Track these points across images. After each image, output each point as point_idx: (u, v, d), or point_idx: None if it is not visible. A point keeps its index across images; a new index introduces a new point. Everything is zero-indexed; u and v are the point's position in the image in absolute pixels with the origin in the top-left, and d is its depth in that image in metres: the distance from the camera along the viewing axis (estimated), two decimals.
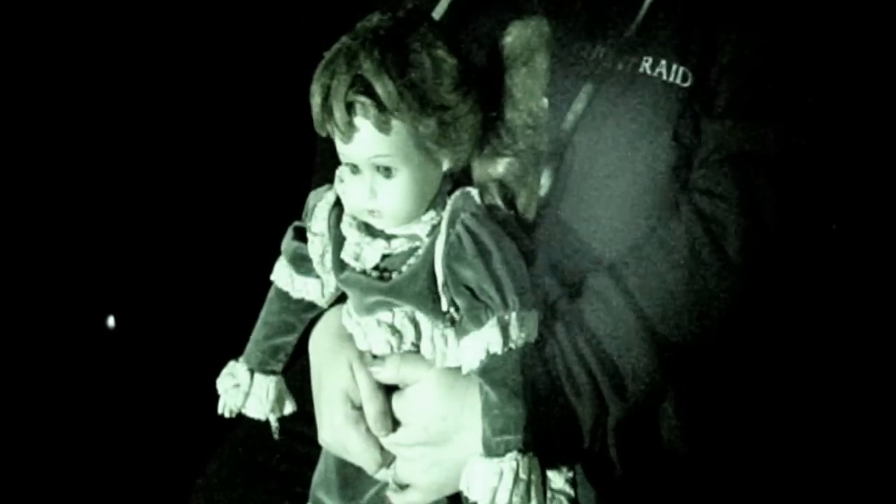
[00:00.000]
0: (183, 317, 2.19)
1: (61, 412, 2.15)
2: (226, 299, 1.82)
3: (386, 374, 1.19)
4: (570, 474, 1.19)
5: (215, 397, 1.26)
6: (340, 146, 1.11)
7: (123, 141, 2.22)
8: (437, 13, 1.30)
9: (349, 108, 1.08)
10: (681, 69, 1.19)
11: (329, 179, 1.22)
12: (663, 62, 1.20)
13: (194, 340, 2.07)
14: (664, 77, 1.20)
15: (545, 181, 1.19)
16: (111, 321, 2.27)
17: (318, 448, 1.26)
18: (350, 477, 1.24)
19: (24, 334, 2.19)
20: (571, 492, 1.19)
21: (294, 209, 1.24)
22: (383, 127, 1.08)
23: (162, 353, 2.18)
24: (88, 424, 2.15)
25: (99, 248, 2.23)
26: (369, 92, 1.07)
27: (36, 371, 2.17)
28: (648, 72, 1.20)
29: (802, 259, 1.22)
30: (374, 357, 1.20)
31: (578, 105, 1.20)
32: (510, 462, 1.09)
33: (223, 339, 1.29)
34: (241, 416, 1.26)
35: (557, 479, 1.18)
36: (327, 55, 1.10)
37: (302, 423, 1.28)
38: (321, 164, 1.35)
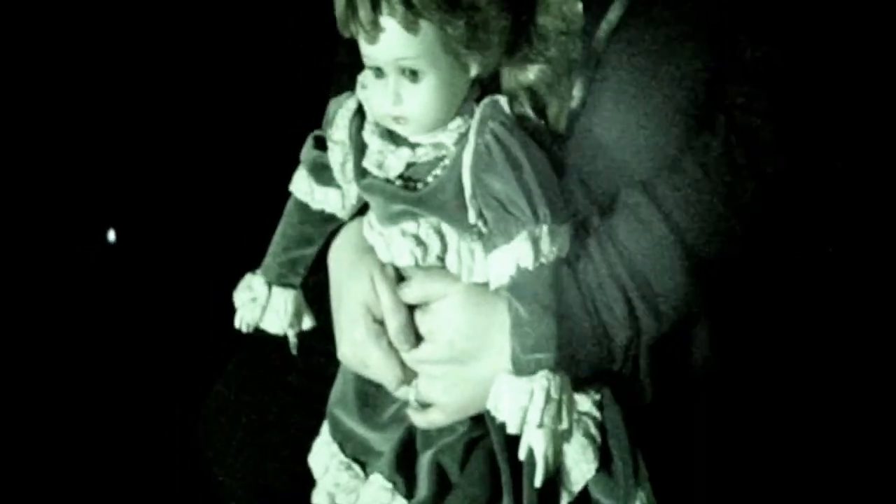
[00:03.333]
0: (197, 229, 2.15)
1: (69, 331, 2.12)
2: (243, 211, 1.78)
3: (413, 294, 1.15)
4: (598, 396, 1.15)
5: (230, 311, 1.23)
6: (364, 47, 1.07)
7: (136, 59, 2.16)
8: None
9: (375, 6, 1.03)
10: None
11: (347, 87, 1.17)
12: None
13: (210, 252, 2.04)
14: None
15: (577, 92, 1.15)
16: (111, 235, 2.23)
17: (336, 363, 1.23)
18: (369, 395, 1.21)
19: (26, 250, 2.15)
20: (598, 414, 1.15)
21: (313, 119, 1.20)
22: (411, 27, 1.04)
23: (176, 266, 2.14)
24: (98, 341, 2.12)
25: (106, 157, 2.18)
26: None
27: (40, 289, 2.14)
28: None
29: (841, 175, 1.19)
30: (397, 269, 1.16)
31: (613, 14, 1.15)
32: (541, 381, 1.05)
33: (241, 251, 1.25)
34: (255, 330, 1.23)
35: (584, 402, 1.15)
36: None
37: (319, 338, 1.25)
38: (339, 70, 1.31)
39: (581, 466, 1.14)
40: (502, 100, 1.11)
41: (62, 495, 1.96)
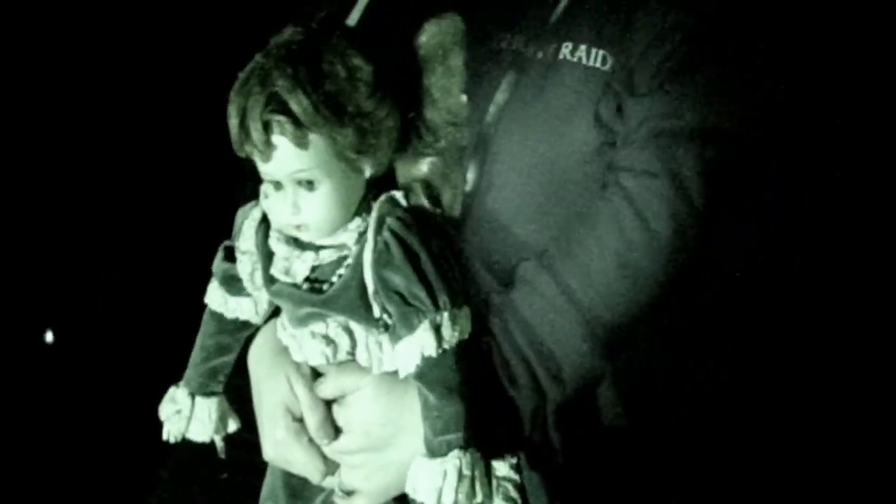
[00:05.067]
0: (121, 343, 2.16)
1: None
2: (163, 322, 1.80)
3: (328, 390, 1.19)
4: (514, 460, 1.19)
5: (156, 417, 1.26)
6: (261, 165, 1.11)
7: (62, 162, 2.19)
8: (353, 18, 1.29)
9: (266, 126, 1.08)
10: (600, 53, 1.20)
11: (256, 196, 1.21)
12: (583, 47, 1.20)
13: (131, 366, 2.05)
14: (584, 61, 1.20)
15: (470, 175, 1.20)
16: (49, 336, 2.24)
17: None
18: (297, 487, 1.25)
19: None
20: (517, 477, 1.19)
21: (227, 227, 1.24)
22: (301, 142, 1.08)
23: (102, 376, 2.15)
24: (34, 441, 2.12)
25: (37, 267, 2.20)
26: (285, 109, 1.07)
27: None
28: (569, 57, 1.20)
29: (733, 230, 1.23)
30: (312, 368, 1.21)
31: (500, 96, 1.20)
32: (453, 461, 1.11)
33: (163, 361, 1.28)
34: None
35: (502, 467, 1.19)
36: (242, 75, 1.10)
37: (248, 433, 1.28)
38: (248, 180, 1.34)
39: None
40: (398, 195, 1.17)
41: None
